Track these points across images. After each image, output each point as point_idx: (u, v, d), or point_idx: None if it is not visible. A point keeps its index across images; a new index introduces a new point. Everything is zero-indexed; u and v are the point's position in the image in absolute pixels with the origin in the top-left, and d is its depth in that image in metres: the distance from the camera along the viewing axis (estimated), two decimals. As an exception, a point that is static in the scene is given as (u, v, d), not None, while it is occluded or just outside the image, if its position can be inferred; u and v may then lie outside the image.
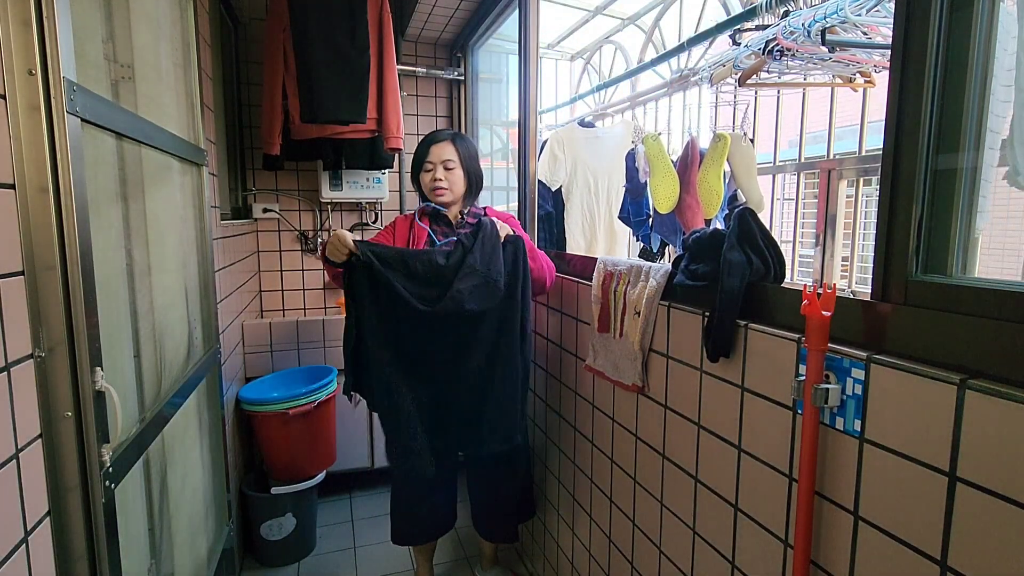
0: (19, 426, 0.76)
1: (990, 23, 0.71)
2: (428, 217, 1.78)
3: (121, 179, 1.13)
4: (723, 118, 2.15)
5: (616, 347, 1.37)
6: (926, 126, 0.73)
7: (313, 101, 2.18)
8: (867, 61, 1.62)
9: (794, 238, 2.22)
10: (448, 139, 1.73)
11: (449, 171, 1.71)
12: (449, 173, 1.71)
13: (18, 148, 0.77)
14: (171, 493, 1.33)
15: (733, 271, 0.98)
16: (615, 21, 2.95)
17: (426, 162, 1.73)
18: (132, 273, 1.17)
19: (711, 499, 1.09)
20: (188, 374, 1.43)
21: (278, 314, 2.85)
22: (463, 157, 1.74)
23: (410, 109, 2.92)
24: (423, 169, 1.74)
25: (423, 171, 1.74)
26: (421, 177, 1.75)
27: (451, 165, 1.72)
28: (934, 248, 0.75)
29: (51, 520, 0.83)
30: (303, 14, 2.16)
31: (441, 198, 1.72)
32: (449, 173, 1.71)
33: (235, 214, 2.46)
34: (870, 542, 0.77)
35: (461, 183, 1.74)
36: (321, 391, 2.16)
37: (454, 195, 1.74)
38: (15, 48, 0.76)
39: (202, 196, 1.65)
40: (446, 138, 1.74)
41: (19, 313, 0.77)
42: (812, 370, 0.81)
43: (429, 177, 1.72)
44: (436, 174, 1.71)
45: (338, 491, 2.70)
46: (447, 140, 1.73)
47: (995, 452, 0.62)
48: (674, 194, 1.99)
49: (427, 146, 1.74)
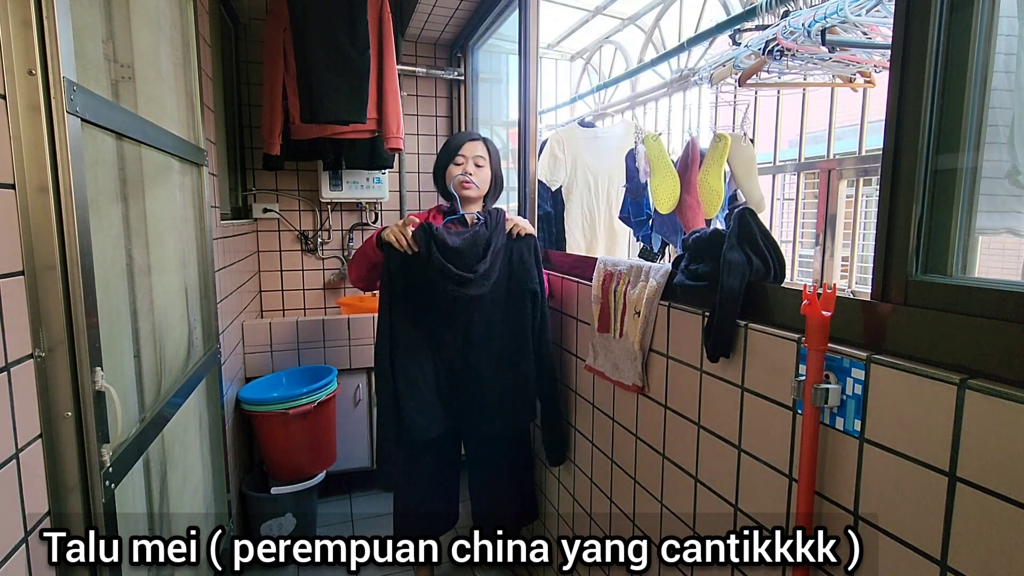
0: (19, 426, 0.76)
1: (990, 23, 0.71)
2: (443, 215, 1.78)
3: (121, 179, 1.13)
4: (723, 118, 2.15)
5: (616, 347, 1.37)
6: (926, 126, 0.73)
7: (313, 101, 2.18)
8: (867, 61, 1.62)
9: (794, 238, 2.22)
10: (481, 139, 1.78)
11: (479, 168, 1.74)
12: (479, 170, 1.74)
13: (18, 148, 0.77)
14: (171, 493, 1.33)
15: (733, 271, 0.98)
16: (615, 21, 2.95)
17: (458, 155, 1.74)
18: (132, 273, 1.17)
19: (711, 499, 1.09)
20: (188, 374, 1.43)
21: (278, 314, 2.85)
22: (493, 159, 1.78)
23: (410, 109, 2.92)
24: (453, 162, 1.75)
25: (453, 164, 1.75)
26: (449, 170, 1.76)
27: (481, 163, 1.75)
28: (934, 248, 0.75)
29: (51, 520, 0.83)
30: (303, 14, 2.16)
31: (467, 191, 1.73)
32: (479, 170, 1.74)
33: (235, 214, 2.46)
34: (870, 542, 0.77)
35: (487, 182, 1.77)
36: (321, 391, 2.16)
37: (479, 191, 1.76)
38: (15, 48, 0.76)
39: (202, 196, 1.65)
40: (478, 138, 1.78)
41: (19, 313, 0.77)
42: (812, 370, 0.80)
43: (459, 170, 1.74)
44: (467, 167, 1.73)
45: (338, 491, 2.70)
46: (480, 140, 1.78)
47: (995, 452, 0.62)
48: (674, 194, 1.99)
49: (460, 143, 1.76)
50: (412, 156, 2.97)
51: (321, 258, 2.89)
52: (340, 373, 2.41)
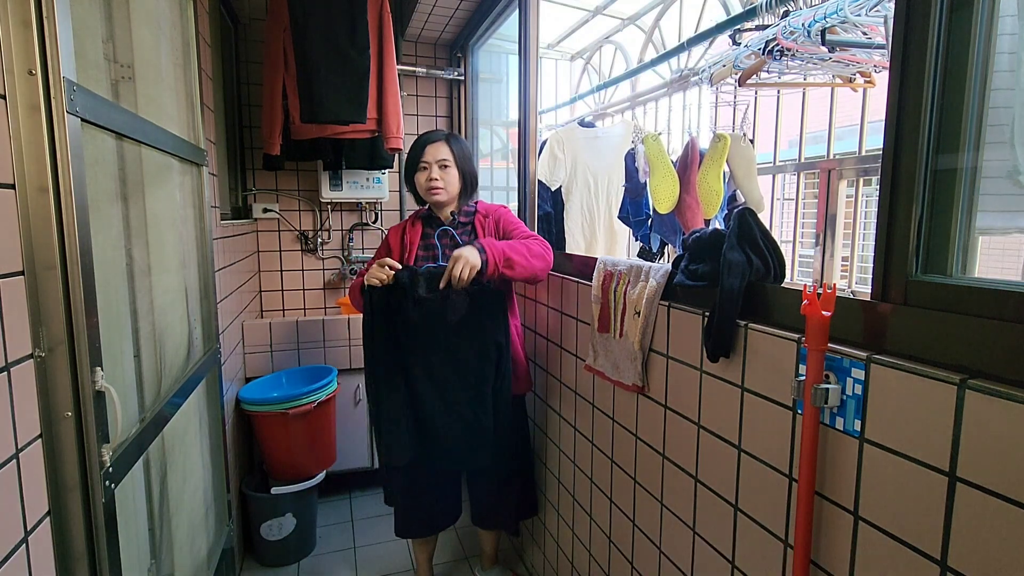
0: (19, 426, 0.76)
1: (990, 23, 0.71)
2: (421, 221, 1.78)
3: (121, 179, 1.13)
4: (723, 118, 2.15)
5: (616, 347, 1.37)
6: (926, 126, 0.73)
7: (313, 101, 2.18)
8: (867, 61, 1.62)
9: (794, 238, 2.22)
10: (442, 139, 1.73)
11: (444, 170, 1.71)
12: (444, 172, 1.71)
13: (18, 148, 0.77)
14: (171, 493, 1.33)
15: (733, 271, 0.98)
16: (615, 21, 2.95)
17: (421, 162, 1.72)
18: (132, 273, 1.17)
19: (711, 499, 1.09)
20: (188, 374, 1.43)
21: (278, 314, 2.85)
22: (458, 157, 1.73)
23: (410, 109, 2.92)
24: (418, 169, 1.73)
25: (418, 171, 1.73)
26: (416, 178, 1.74)
27: (447, 163, 1.71)
28: (934, 248, 0.75)
29: (51, 520, 0.83)
30: (303, 14, 2.16)
31: (436, 197, 1.71)
32: (444, 172, 1.71)
33: (235, 214, 2.46)
34: (870, 542, 0.77)
35: (456, 183, 1.73)
36: (321, 391, 2.16)
37: (449, 194, 1.73)
38: (15, 48, 0.76)
39: (202, 196, 1.65)
40: (440, 138, 1.73)
41: (19, 313, 0.77)
42: (812, 370, 0.80)
43: (424, 177, 1.71)
44: (431, 173, 1.70)
45: (338, 491, 2.70)
46: (441, 140, 1.73)
47: (995, 452, 0.62)
48: (674, 194, 1.99)
49: (422, 147, 1.73)
50: (410, 157, 2.97)
51: (321, 258, 2.89)
52: (340, 373, 2.41)
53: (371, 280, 1.58)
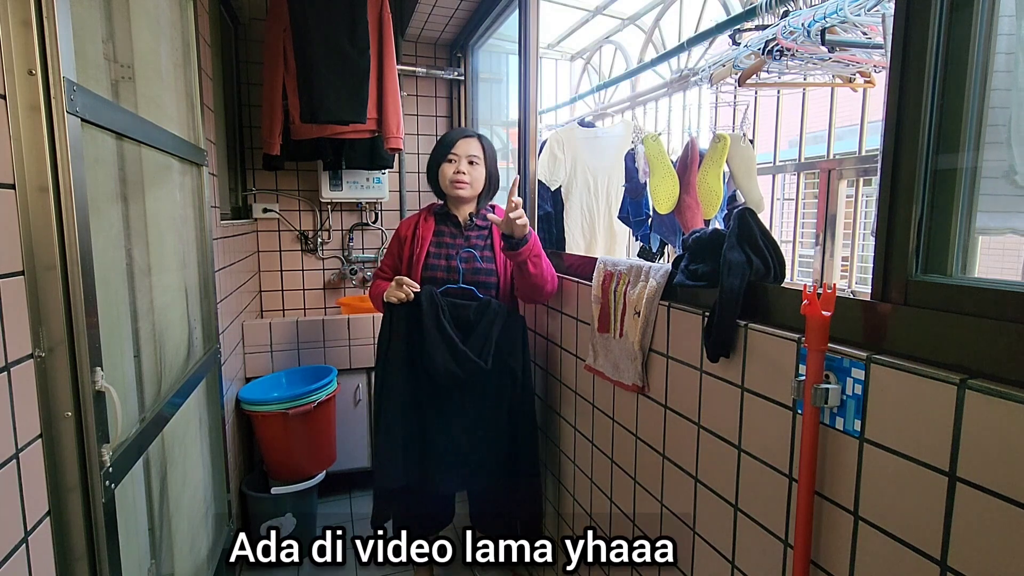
0: (19, 426, 0.76)
1: (990, 23, 0.71)
2: (435, 217, 1.77)
3: (121, 179, 1.13)
4: (723, 118, 2.15)
5: (616, 347, 1.37)
6: (926, 126, 0.73)
7: (313, 101, 2.18)
8: (867, 61, 1.62)
9: (794, 238, 2.22)
10: (475, 136, 1.72)
11: (472, 166, 1.69)
12: (472, 168, 1.69)
13: (18, 148, 0.77)
14: (171, 493, 1.33)
15: (733, 271, 0.98)
16: (615, 21, 2.95)
17: (451, 153, 1.69)
18: (132, 273, 1.17)
19: (711, 499, 1.09)
20: (188, 374, 1.43)
21: (278, 314, 2.85)
22: (488, 157, 1.73)
23: (410, 109, 2.92)
24: (446, 160, 1.70)
25: (445, 162, 1.70)
26: (442, 168, 1.71)
27: (476, 161, 1.69)
28: (934, 248, 0.75)
29: (51, 520, 0.83)
30: (303, 14, 2.16)
31: (460, 191, 1.69)
32: (472, 168, 1.69)
33: (235, 214, 2.46)
34: (870, 542, 0.77)
35: (481, 181, 1.72)
36: (321, 391, 2.16)
37: (473, 191, 1.71)
38: (15, 48, 0.76)
39: (202, 196, 1.65)
40: (473, 135, 1.72)
41: (19, 313, 0.77)
42: (812, 370, 0.80)
43: (452, 168, 1.69)
44: (460, 166, 1.68)
45: (338, 491, 2.69)
46: (474, 137, 1.72)
47: (995, 452, 0.62)
48: (674, 194, 1.99)
49: (453, 139, 1.71)
50: (412, 156, 2.97)
51: (321, 258, 2.89)
52: (340, 373, 2.41)
53: (390, 298, 1.63)
